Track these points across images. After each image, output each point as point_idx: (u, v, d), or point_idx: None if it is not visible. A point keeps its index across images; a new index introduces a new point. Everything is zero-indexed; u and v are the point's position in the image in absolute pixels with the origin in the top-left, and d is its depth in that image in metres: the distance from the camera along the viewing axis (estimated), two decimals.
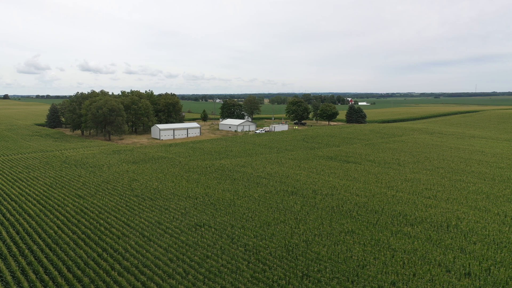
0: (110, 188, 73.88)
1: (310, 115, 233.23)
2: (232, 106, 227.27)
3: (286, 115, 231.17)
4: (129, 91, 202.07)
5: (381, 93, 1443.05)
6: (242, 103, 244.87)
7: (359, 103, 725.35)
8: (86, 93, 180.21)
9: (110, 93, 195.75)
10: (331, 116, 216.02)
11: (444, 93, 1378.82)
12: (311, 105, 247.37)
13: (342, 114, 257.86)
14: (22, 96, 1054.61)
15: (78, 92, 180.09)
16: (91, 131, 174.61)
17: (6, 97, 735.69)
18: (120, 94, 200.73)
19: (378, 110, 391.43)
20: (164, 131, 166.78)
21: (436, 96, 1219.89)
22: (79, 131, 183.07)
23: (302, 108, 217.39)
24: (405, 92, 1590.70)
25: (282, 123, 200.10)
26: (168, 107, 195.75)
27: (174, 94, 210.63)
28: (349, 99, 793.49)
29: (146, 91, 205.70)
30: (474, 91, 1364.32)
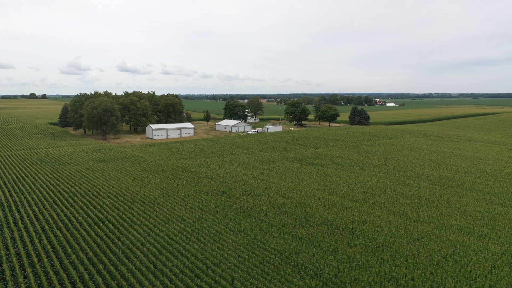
0: (54, 185, 79.05)
1: (311, 117, 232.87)
2: (235, 106, 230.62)
3: (284, 116, 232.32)
4: (131, 92, 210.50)
5: (417, 94, 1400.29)
6: (245, 103, 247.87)
7: (387, 104, 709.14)
8: (89, 93, 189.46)
9: (113, 94, 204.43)
10: (331, 117, 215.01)
11: (485, 93, 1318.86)
12: (314, 106, 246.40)
13: (347, 116, 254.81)
14: (63, 96, 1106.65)
15: (81, 93, 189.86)
16: (92, 130, 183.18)
17: (43, 96, 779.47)
18: (123, 94, 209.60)
19: (394, 112, 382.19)
20: (157, 131, 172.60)
21: (476, 97, 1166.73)
22: (81, 130, 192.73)
23: (300, 109, 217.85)
24: (444, 92, 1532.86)
25: (277, 124, 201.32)
26: (168, 108, 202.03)
27: (175, 95, 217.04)
28: (377, 99, 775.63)
29: (148, 92, 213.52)
30: None
